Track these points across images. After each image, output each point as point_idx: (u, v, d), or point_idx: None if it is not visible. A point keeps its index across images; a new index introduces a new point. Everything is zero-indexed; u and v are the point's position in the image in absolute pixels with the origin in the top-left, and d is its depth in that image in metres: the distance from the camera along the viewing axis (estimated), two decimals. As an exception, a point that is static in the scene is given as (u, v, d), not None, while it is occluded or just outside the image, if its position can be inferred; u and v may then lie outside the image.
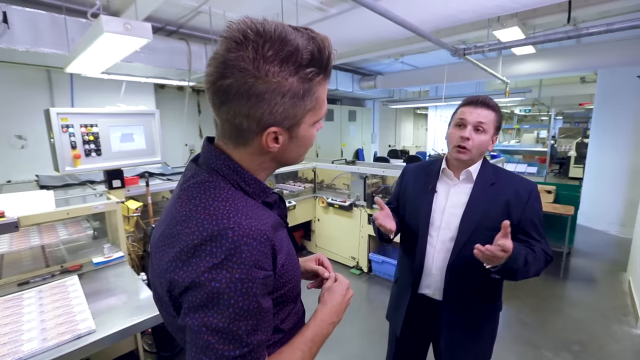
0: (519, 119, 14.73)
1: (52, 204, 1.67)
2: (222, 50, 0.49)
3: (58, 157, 1.75)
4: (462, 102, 1.12)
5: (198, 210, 0.51)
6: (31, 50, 2.31)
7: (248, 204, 0.55)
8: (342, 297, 0.71)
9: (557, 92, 7.10)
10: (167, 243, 0.52)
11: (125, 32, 1.45)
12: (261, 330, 0.51)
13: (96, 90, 3.62)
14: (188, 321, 0.48)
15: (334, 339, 2.40)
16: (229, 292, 0.47)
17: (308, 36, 0.51)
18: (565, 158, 9.24)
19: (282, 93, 0.50)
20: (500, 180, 1.11)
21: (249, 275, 0.48)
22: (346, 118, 7.26)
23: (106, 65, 2.17)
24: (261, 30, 0.48)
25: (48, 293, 1.44)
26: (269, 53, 0.48)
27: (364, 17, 2.52)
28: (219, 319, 0.47)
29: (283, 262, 0.57)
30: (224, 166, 0.56)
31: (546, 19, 2.85)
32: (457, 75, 4.80)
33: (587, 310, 2.80)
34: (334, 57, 0.55)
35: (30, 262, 1.76)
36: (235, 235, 0.49)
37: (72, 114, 1.78)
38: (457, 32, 3.31)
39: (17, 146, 3.22)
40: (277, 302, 0.59)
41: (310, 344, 0.61)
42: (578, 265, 3.68)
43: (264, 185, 0.61)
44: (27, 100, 3.23)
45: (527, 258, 0.98)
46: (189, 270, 0.48)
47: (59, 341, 1.12)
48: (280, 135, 0.55)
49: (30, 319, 1.25)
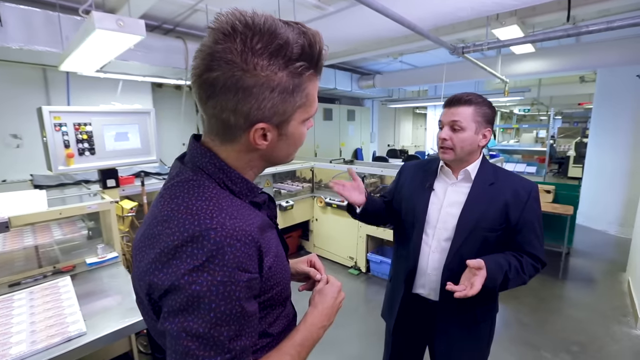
0: (519, 119, 14.75)
1: (45, 204, 1.64)
2: (209, 42, 0.47)
3: (51, 156, 1.72)
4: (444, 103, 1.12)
5: (180, 210, 0.49)
6: (25, 48, 2.28)
7: (234, 203, 0.53)
8: (333, 300, 0.69)
9: (556, 91, 7.08)
10: (147, 244, 0.50)
11: (118, 29, 1.42)
12: (245, 336, 0.49)
13: (93, 89, 3.59)
14: (167, 326, 0.46)
15: (331, 340, 2.40)
16: (210, 295, 0.45)
17: (299, 30, 0.50)
18: (564, 158, 9.24)
19: (271, 87, 0.48)
20: (500, 180, 1.09)
21: (232, 277, 0.46)
22: (345, 117, 7.24)
23: (100, 63, 2.14)
24: (250, 22, 0.46)
25: (39, 294, 1.42)
26: (258, 46, 0.46)
27: (362, 15, 2.50)
28: (200, 323, 0.45)
29: (270, 264, 0.55)
30: (210, 164, 0.54)
31: (546, 17, 2.83)
32: (456, 74, 4.78)
33: (586, 310, 2.78)
34: (326, 53, 0.54)
35: (23, 262, 1.73)
36: (217, 236, 0.47)
37: (65, 113, 1.75)
38: (457, 31, 3.28)
39: (12, 145, 3.19)
40: (264, 305, 0.57)
41: (299, 349, 0.59)
42: (577, 265, 3.67)
43: (252, 184, 0.58)
44: (22, 99, 3.20)
45: (508, 275, 1.00)
46: (169, 273, 0.46)
47: (48, 344, 1.10)
48: (268, 132, 0.53)
49: (20, 321, 1.23)
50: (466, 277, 0.97)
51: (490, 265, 0.96)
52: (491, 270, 0.96)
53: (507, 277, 0.99)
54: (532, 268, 1.05)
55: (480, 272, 0.94)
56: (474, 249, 1.05)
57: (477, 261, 0.95)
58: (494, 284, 0.97)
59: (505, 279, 0.99)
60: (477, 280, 0.93)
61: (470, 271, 0.96)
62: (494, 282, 0.97)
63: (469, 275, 0.96)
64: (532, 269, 1.05)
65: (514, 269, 1.01)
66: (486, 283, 0.95)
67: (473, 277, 0.94)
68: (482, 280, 0.93)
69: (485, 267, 0.95)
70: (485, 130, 1.08)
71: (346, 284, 3.28)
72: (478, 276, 0.93)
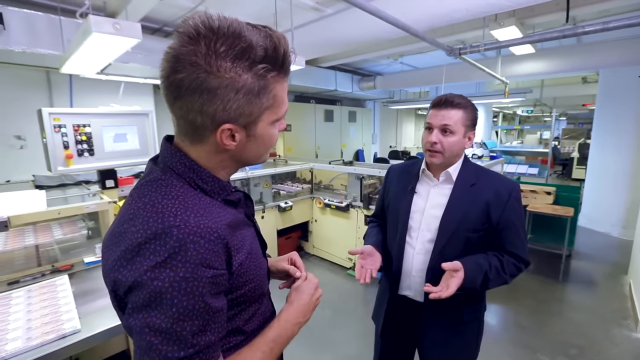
0: (522, 120, 14.66)
1: (44, 204, 1.67)
2: (175, 45, 0.49)
3: (50, 157, 1.75)
4: (430, 103, 1.11)
5: (146, 208, 0.51)
6: (27, 51, 2.33)
7: (202, 201, 0.55)
8: (309, 297, 0.70)
9: (559, 92, 7.04)
10: (114, 242, 0.52)
11: (115, 32, 1.45)
12: (210, 331, 0.50)
13: (95, 91, 3.64)
14: (132, 322, 0.47)
15: (328, 340, 2.40)
16: (172, 291, 0.46)
17: (265, 34, 0.51)
18: (568, 159, 9.17)
19: (236, 89, 0.50)
20: (481, 181, 1.09)
21: (195, 274, 0.47)
22: (346, 119, 7.25)
23: (100, 66, 2.18)
24: (215, 26, 0.48)
25: (37, 292, 1.44)
26: (222, 49, 0.48)
27: (359, 16, 2.51)
28: (162, 319, 0.46)
29: (242, 261, 0.57)
30: (180, 164, 0.56)
31: (545, 17, 2.83)
32: (456, 75, 4.78)
33: (586, 313, 2.76)
34: (293, 55, 0.55)
35: (23, 261, 1.76)
36: (180, 233, 0.48)
37: (65, 114, 1.78)
38: (455, 32, 3.29)
39: (16, 146, 3.24)
40: (237, 302, 0.58)
41: (271, 345, 0.60)
42: (578, 267, 3.63)
43: (223, 183, 0.60)
44: (26, 100, 3.25)
45: (488, 275, 1.00)
46: (132, 269, 0.47)
47: (42, 340, 1.12)
48: (236, 132, 0.54)
49: (16, 318, 1.25)
50: (445, 278, 0.98)
51: (469, 267, 0.97)
52: (470, 271, 0.97)
53: (487, 277, 1.00)
54: (513, 267, 1.05)
55: (457, 273, 0.95)
56: (457, 250, 1.05)
57: (452, 264, 0.96)
58: (473, 285, 0.98)
59: (486, 279, 1.00)
60: (453, 282, 0.94)
61: (449, 273, 0.97)
62: (474, 283, 0.98)
63: (447, 277, 0.97)
64: (514, 268, 1.05)
65: (494, 269, 1.01)
66: (465, 284, 0.96)
67: (450, 279, 0.95)
68: (459, 282, 0.95)
69: (462, 269, 0.96)
70: (471, 134, 1.09)
71: (344, 285, 3.29)
72: (455, 278, 0.95)
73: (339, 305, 2.91)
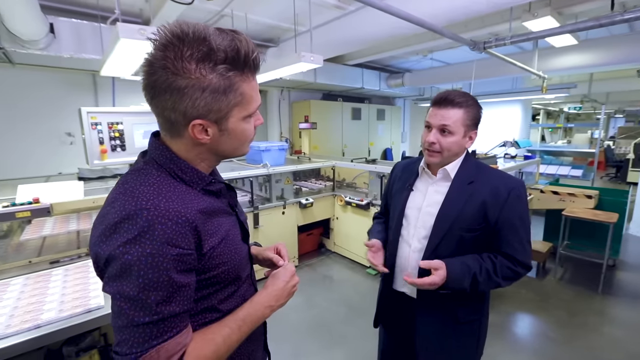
0: (572, 117, 13.48)
1: (81, 193, 1.87)
2: (151, 51, 0.56)
3: (88, 152, 1.95)
4: (431, 101, 1.07)
5: (125, 193, 0.58)
6: (75, 56, 2.60)
7: (177, 189, 0.61)
8: (284, 283, 0.74)
9: (612, 87, 6.37)
10: (99, 222, 0.59)
11: (140, 37, 1.58)
12: (175, 303, 0.56)
13: (133, 92, 3.94)
14: (107, 289, 0.55)
15: (341, 335, 2.42)
16: (139, 264, 0.53)
17: (231, 37, 0.57)
18: (623, 161, 8.30)
19: (202, 88, 0.56)
20: (480, 179, 1.05)
21: (160, 251, 0.54)
22: (374, 117, 7.16)
23: (133, 68, 2.37)
24: (181, 33, 0.54)
25: (72, 272, 1.63)
26: (187, 53, 0.54)
27: (375, 13, 2.49)
28: (131, 287, 0.53)
29: (214, 245, 0.62)
30: (162, 156, 0.63)
31: (586, 6, 2.60)
32: (489, 71, 4.52)
33: (627, 329, 2.51)
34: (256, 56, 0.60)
35: (65, 244, 1.98)
36: (149, 215, 0.54)
37: (100, 113, 1.97)
38: (486, 25, 3.12)
39: (67, 142, 3.62)
40: (210, 282, 0.64)
41: (240, 323, 0.65)
42: (623, 279, 3.31)
43: (203, 174, 0.66)
44: (75, 100, 3.62)
45: (477, 277, 0.97)
46: (109, 245, 0.55)
47: (71, 313, 1.27)
48: (208, 127, 0.60)
49: (53, 292, 1.42)
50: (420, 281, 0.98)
51: (454, 267, 0.96)
52: (454, 272, 0.95)
53: (477, 280, 0.97)
54: (508, 271, 1.00)
55: (436, 272, 0.95)
56: (450, 248, 1.03)
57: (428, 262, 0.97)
58: (460, 285, 0.96)
59: (475, 281, 0.97)
60: (428, 277, 0.95)
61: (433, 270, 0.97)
62: (460, 284, 0.96)
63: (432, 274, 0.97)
64: (509, 271, 1.00)
65: (484, 271, 0.98)
66: (449, 284, 0.95)
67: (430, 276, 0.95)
68: (435, 279, 0.94)
69: (444, 268, 0.95)
70: (472, 133, 1.06)
71: (362, 282, 3.28)
72: (432, 275, 0.95)
73: (355, 302, 2.92)
